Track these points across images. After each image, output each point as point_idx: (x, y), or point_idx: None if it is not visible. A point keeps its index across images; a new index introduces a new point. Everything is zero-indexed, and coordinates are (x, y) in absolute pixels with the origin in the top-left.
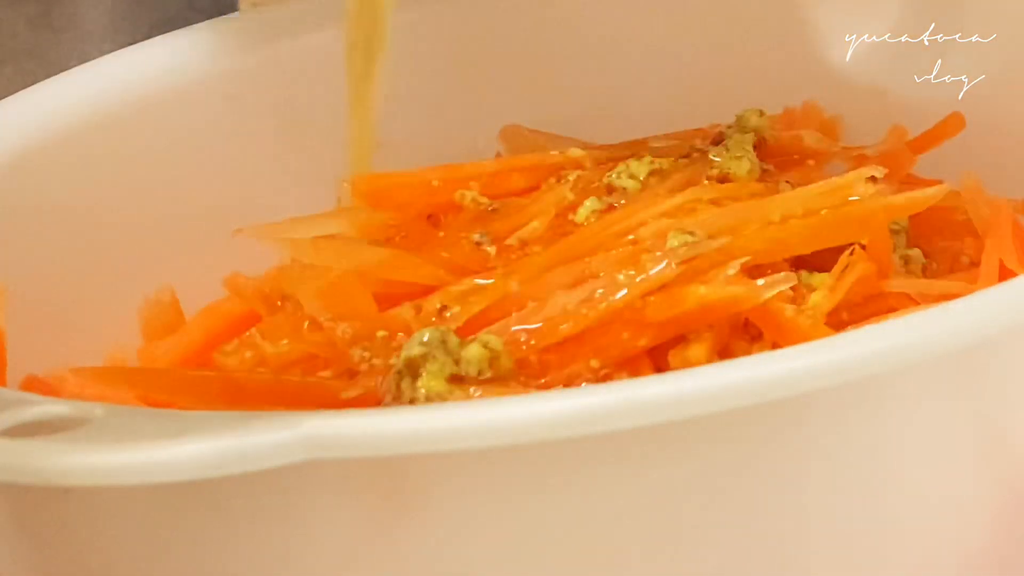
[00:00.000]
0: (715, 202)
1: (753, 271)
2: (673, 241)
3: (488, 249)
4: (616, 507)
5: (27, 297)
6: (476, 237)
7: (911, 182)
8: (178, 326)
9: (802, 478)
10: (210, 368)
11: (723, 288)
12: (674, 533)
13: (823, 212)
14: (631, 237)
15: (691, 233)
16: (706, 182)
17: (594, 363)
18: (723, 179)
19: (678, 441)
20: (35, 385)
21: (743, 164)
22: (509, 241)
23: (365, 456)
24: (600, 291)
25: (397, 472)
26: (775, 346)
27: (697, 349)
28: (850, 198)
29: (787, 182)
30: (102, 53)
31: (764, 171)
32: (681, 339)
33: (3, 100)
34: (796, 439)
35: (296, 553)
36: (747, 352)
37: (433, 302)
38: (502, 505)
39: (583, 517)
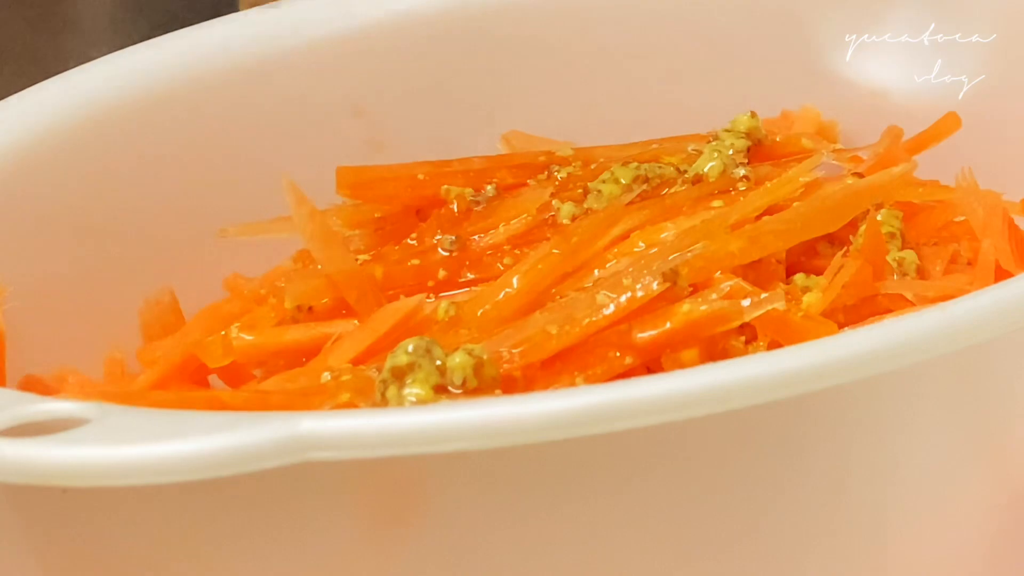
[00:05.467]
0: (673, 211)
1: (748, 272)
2: (648, 259)
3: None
4: (616, 508)
5: (27, 297)
6: (446, 245)
7: (909, 183)
8: (178, 326)
9: (800, 479)
10: (194, 387)
11: (708, 305)
12: (674, 535)
13: (795, 205)
14: (610, 263)
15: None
16: (680, 186)
17: (579, 380)
18: (697, 183)
19: (677, 442)
20: (35, 385)
21: (715, 167)
22: (480, 245)
23: (363, 456)
24: (581, 312)
25: (395, 474)
26: (772, 345)
27: (689, 353)
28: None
29: (745, 176)
30: (102, 53)
31: (746, 172)
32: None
33: (3, 100)
34: (794, 440)
35: (295, 555)
36: (743, 352)
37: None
38: (502, 507)
39: (583, 517)
